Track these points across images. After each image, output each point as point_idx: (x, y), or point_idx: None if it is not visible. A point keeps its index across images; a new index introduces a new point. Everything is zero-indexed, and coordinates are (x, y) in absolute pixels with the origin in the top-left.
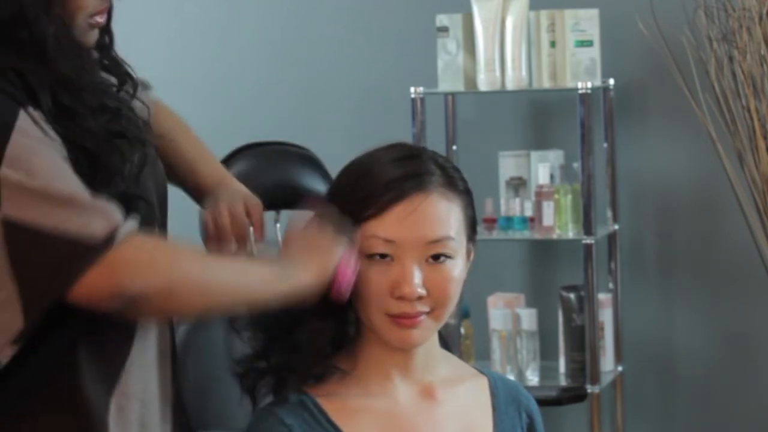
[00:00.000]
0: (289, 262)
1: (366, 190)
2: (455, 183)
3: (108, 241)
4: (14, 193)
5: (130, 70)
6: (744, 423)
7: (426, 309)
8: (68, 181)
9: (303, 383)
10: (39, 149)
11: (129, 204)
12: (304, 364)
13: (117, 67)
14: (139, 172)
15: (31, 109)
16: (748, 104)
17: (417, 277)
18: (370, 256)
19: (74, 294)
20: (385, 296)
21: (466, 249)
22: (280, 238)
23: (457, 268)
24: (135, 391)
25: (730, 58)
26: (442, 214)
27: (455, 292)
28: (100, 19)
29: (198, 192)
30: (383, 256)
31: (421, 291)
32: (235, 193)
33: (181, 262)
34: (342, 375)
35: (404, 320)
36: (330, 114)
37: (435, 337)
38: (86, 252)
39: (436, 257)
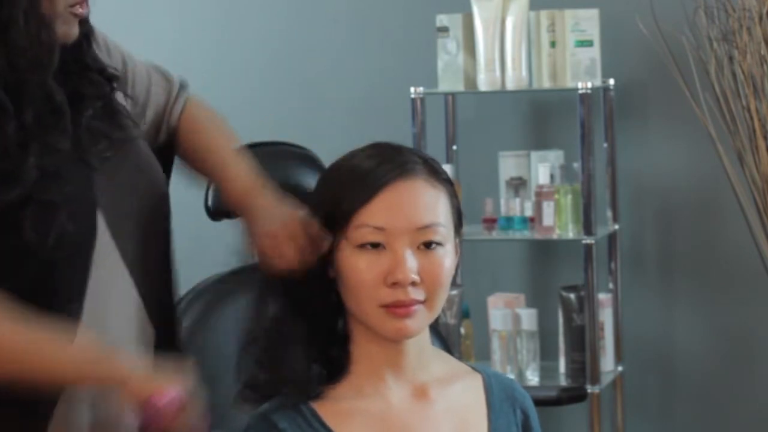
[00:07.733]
0: (110, 354)
1: (351, 182)
2: (438, 172)
3: None
4: None
5: (111, 70)
6: (744, 423)
7: (420, 297)
8: None
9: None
10: None
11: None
12: (300, 395)
13: (96, 63)
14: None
15: None
16: (748, 104)
17: (410, 261)
18: (362, 246)
19: None
20: (378, 286)
21: (454, 241)
22: None
23: (448, 256)
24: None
25: (730, 58)
26: (430, 200)
27: (447, 280)
28: (81, 9)
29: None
30: (374, 245)
31: (415, 276)
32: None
33: None
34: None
35: (399, 309)
36: (330, 114)
37: (427, 335)
38: None
39: (427, 245)
